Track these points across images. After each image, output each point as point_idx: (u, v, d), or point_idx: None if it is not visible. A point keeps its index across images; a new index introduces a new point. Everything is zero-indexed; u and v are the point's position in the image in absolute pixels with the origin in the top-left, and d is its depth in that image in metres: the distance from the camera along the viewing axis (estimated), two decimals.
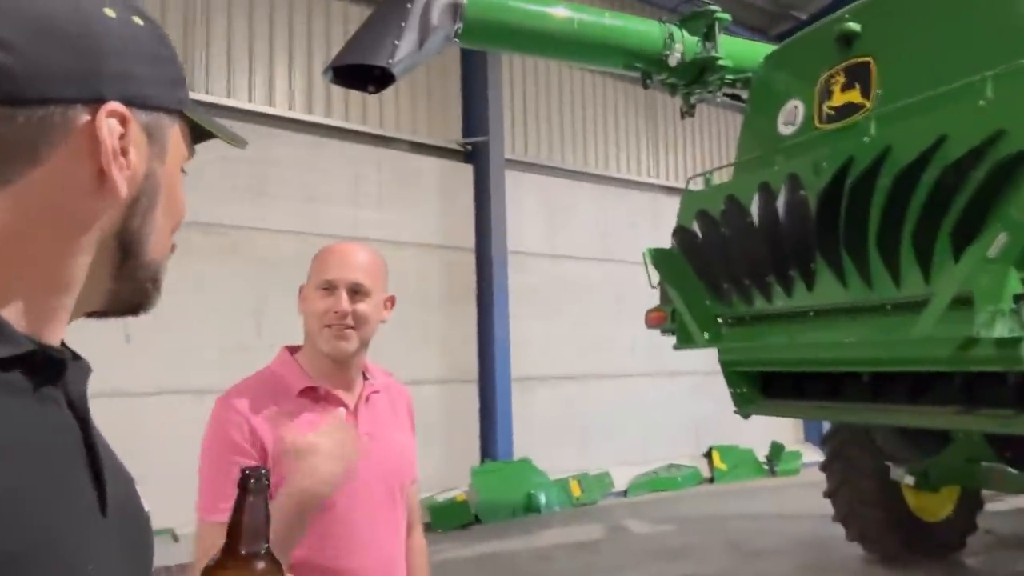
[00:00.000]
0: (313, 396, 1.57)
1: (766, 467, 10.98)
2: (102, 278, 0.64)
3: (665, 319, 5.25)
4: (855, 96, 4.17)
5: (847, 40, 4.28)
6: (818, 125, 4.37)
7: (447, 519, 7.78)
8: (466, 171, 8.94)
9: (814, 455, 11.82)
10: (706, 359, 10.35)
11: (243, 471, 0.90)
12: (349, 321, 1.57)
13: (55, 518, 0.54)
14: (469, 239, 8.84)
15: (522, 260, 9.13)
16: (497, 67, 8.99)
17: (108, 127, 0.59)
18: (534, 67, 9.81)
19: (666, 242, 5.22)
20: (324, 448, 1.37)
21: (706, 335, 4.67)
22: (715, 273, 4.68)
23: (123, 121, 0.60)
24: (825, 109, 4.35)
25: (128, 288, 0.66)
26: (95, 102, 0.59)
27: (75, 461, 0.60)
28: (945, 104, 3.54)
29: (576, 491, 8.86)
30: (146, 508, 0.71)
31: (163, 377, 6.74)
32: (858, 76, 4.19)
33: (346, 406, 1.59)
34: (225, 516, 1.29)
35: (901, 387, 4.07)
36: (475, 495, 8.08)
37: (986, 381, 3.71)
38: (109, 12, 0.61)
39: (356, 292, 1.58)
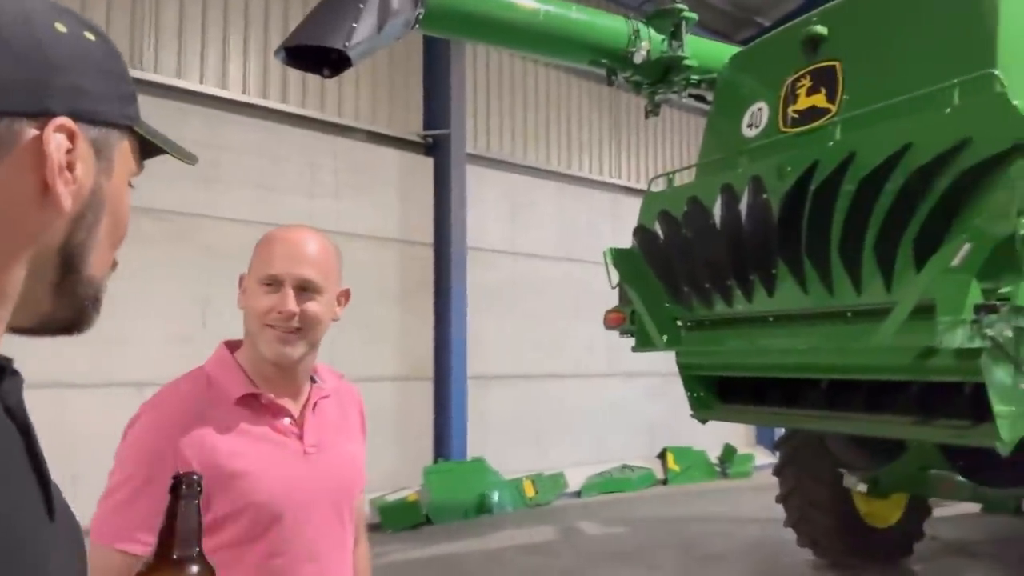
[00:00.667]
0: (253, 404, 1.39)
1: (718, 469, 11.04)
2: (40, 293, 0.63)
3: (624, 320, 5.17)
4: (820, 100, 4.13)
5: (814, 43, 4.24)
6: (783, 128, 4.32)
7: (397, 519, 7.61)
8: (426, 164, 8.76)
9: (766, 458, 11.94)
10: (663, 361, 10.37)
11: (175, 476, 0.90)
12: (295, 323, 1.37)
13: (18, 517, 0.55)
14: (428, 234, 8.67)
15: (481, 256, 8.99)
16: (460, 59, 8.82)
17: (56, 141, 0.59)
18: (498, 61, 9.67)
19: (626, 242, 5.14)
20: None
21: (665, 338, 4.59)
22: (675, 275, 4.61)
23: (71, 136, 0.61)
24: (790, 112, 4.30)
25: (67, 305, 0.65)
26: (43, 116, 0.59)
27: (21, 468, 0.60)
28: (911, 111, 3.51)
29: (530, 491, 8.76)
30: (76, 516, 0.71)
31: (100, 368, 6.44)
32: (824, 80, 4.15)
33: (291, 415, 1.42)
34: (139, 548, 1.22)
35: (858, 395, 4.05)
36: (427, 495, 7.92)
37: (942, 392, 3.69)
38: (60, 27, 0.61)
39: (304, 289, 1.39)
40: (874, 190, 3.47)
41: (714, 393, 4.86)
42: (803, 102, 4.22)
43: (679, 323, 4.73)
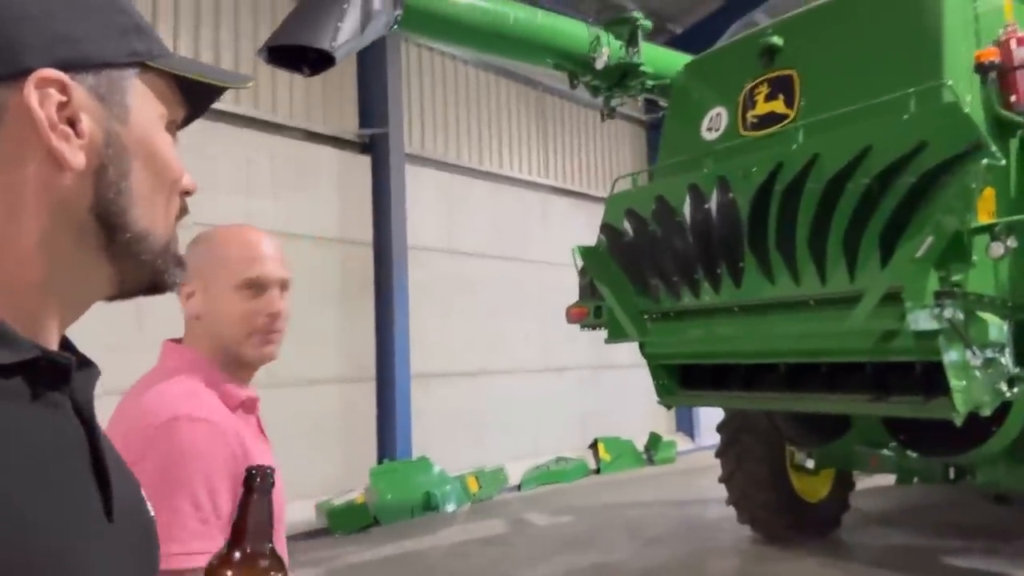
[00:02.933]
0: (245, 407, 1.36)
1: (645, 457, 11.50)
2: (97, 261, 0.59)
3: (587, 315, 5.38)
4: (779, 106, 4.46)
5: (770, 53, 4.58)
6: (743, 132, 4.64)
7: (345, 522, 7.54)
8: (364, 163, 8.70)
9: (686, 444, 12.56)
10: (592, 354, 10.81)
11: (248, 470, 0.88)
12: (281, 324, 1.37)
13: (58, 524, 0.52)
14: (367, 233, 8.61)
15: (419, 255, 9.01)
16: (396, 58, 8.82)
17: (39, 97, 0.54)
18: (430, 61, 9.71)
19: (556, 240, 5.35)
20: None
21: (635, 329, 4.83)
22: (643, 270, 4.85)
23: (62, 88, 0.55)
24: (749, 117, 4.63)
25: (131, 267, 0.61)
26: (22, 75, 0.53)
27: (80, 467, 0.58)
28: (869, 117, 3.87)
29: (474, 487, 8.87)
30: (151, 513, 0.70)
31: None
32: (781, 87, 4.49)
33: (256, 416, 1.42)
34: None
35: (816, 377, 4.41)
36: (374, 496, 7.89)
37: (894, 371, 4.09)
38: None
39: (284, 289, 1.40)
40: (839, 189, 3.81)
41: (677, 380, 5.14)
42: (761, 107, 4.55)
43: (645, 316, 4.98)
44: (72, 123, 0.56)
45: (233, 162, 7.64)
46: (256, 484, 0.86)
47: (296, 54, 4.12)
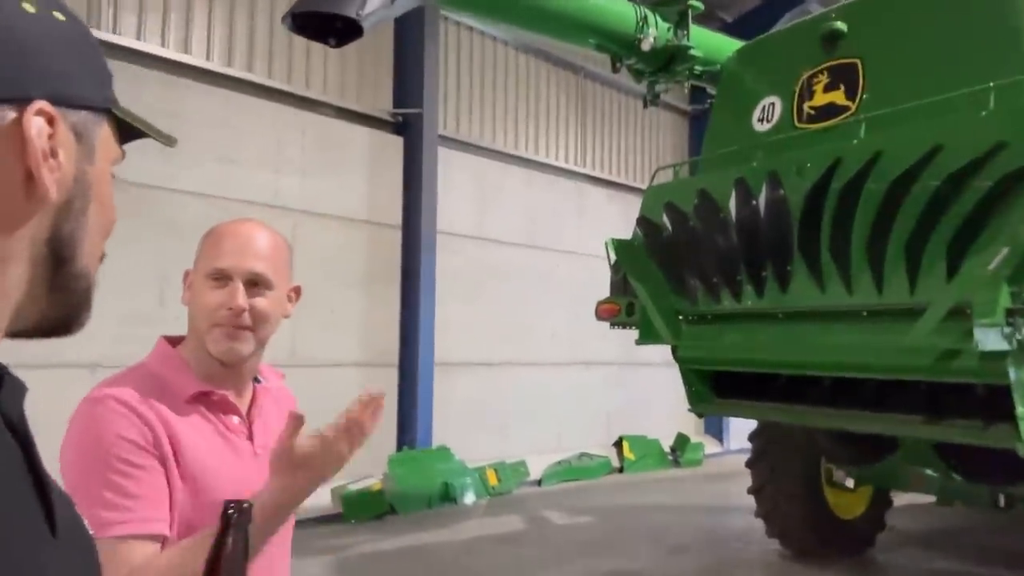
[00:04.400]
0: (205, 402, 1.33)
1: (671, 458, 11.20)
2: (38, 292, 0.60)
3: (618, 312, 5.10)
4: (839, 97, 4.12)
5: (832, 40, 4.23)
6: (798, 124, 4.31)
7: (361, 509, 7.39)
8: (396, 144, 8.48)
9: (714, 447, 12.23)
10: (621, 351, 10.51)
11: (226, 504, 0.86)
12: (245, 320, 1.32)
13: (10, 540, 0.53)
14: (396, 216, 8.40)
15: (448, 241, 8.78)
16: (435, 37, 8.55)
17: (36, 127, 0.56)
18: (469, 41, 9.44)
19: (590, 231, 5.06)
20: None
21: (669, 331, 4.54)
22: (680, 268, 4.56)
23: (51, 121, 0.58)
24: (806, 108, 4.29)
25: (60, 302, 0.63)
26: (22, 101, 0.56)
27: (20, 482, 0.58)
28: (941, 112, 3.52)
29: (493, 480, 8.66)
30: (89, 529, 0.70)
31: (51, 347, 5.95)
32: (843, 77, 4.14)
33: (240, 414, 1.38)
34: (159, 527, 1.16)
35: (864, 393, 4.08)
36: (391, 483, 7.72)
37: (950, 392, 3.75)
38: (28, 7, 0.58)
39: (255, 284, 1.33)
40: (903, 190, 3.47)
41: (710, 387, 4.84)
42: (820, 98, 4.21)
43: (680, 317, 4.69)
44: (53, 155, 0.58)
45: (263, 137, 7.47)
46: (233, 519, 0.85)
47: (322, 22, 3.89)
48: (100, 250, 0.67)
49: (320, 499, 7.36)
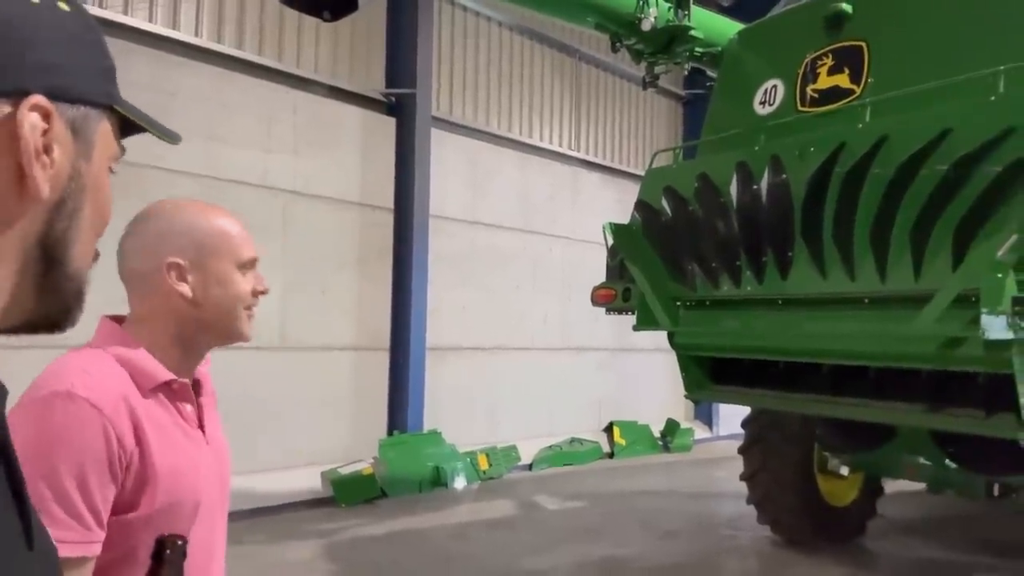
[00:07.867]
0: (166, 391, 1.27)
1: (661, 443, 11.20)
2: (27, 292, 0.59)
3: (614, 297, 5.03)
4: (843, 80, 4.05)
5: (837, 21, 4.15)
6: (800, 108, 4.23)
7: (352, 493, 7.33)
8: (388, 124, 8.35)
9: (704, 432, 12.25)
10: (612, 336, 10.47)
11: (158, 540, 0.85)
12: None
13: None
14: (388, 198, 8.28)
15: (441, 224, 8.68)
16: (429, 15, 8.40)
17: (30, 122, 0.55)
18: (463, 21, 9.29)
19: (584, 216, 4.98)
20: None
21: (666, 317, 4.48)
22: (679, 253, 4.49)
23: (46, 116, 0.56)
24: (809, 91, 4.21)
25: (51, 301, 0.61)
26: (17, 95, 0.54)
27: (0, 496, 0.56)
28: (949, 97, 3.46)
29: (484, 464, 8.62)
30: (52, 540, 0.67)
31: None
32: (847, 59, 4.07)
33: (193, 402, 1.34)
34: (95, 549, 1.11)
35: (864, 381, 4.04)
36: (382, 467, 7.67)
37: (951, 380, 3.71)
38: None
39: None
40: (909, 176, 3.41)
41: (707, 374, 4.79)
42: (824, 81, 4.13)
43: (678, 303, 4.63)
44: (47, 152, 0.56)
45: (253, 116, 7.32)
46: (166, 556, 0.84)
47: None
48: (92, 251, 0.65)
49: (311, 482, 7.31)
